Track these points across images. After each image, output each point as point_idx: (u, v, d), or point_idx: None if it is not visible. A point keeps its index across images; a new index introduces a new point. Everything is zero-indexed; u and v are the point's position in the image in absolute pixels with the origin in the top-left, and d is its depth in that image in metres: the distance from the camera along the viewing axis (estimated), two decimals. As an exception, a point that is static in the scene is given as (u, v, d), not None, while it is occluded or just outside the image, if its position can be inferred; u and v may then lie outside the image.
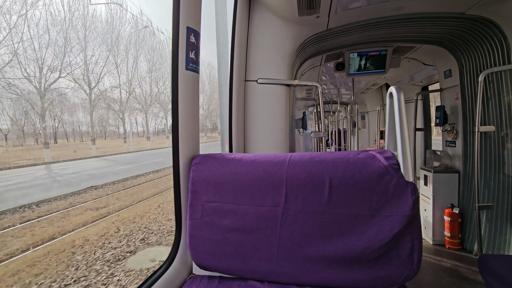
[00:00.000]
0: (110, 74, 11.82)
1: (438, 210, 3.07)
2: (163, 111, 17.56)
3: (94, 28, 9.91)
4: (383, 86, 5.73)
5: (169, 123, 16.57)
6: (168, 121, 16.88)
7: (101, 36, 10.49)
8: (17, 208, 5.44)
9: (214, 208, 1.21)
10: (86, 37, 9.38)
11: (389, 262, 1.03)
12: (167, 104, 16.96)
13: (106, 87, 11.99)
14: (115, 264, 4.03)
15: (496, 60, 2.30)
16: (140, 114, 16.32)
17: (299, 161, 1.16)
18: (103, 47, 10.50)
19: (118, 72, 12.40)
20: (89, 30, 9.68)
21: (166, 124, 19.62)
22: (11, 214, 5.22)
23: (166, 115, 17.86)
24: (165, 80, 16.09)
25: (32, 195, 6.12)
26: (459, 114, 2.90)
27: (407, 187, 1.03)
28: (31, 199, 5.89)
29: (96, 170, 9.51)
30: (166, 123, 19.24)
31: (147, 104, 15.99)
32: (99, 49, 10.21)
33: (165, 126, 20.03)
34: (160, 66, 15.76)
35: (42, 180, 7.88)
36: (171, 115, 1.34)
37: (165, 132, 20.53)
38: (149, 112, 16.49)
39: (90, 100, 10.76)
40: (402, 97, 1.10)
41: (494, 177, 2.46)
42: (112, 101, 13.22)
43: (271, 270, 1.15)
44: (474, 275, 2.40)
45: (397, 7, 2.02)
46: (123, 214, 5.81)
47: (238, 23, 1.86)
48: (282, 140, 2.05)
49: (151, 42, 15.20)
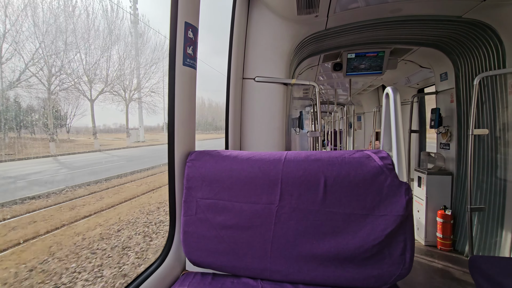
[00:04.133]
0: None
1: (431, 211, 3.10)
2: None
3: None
4: (380, 88, 5.77)
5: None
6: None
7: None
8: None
9: (208, 204, 1.21)
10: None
11: (381, 261, 1.04)
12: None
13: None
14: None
15: (492, 64, 2.33)
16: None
17: (295, 159, 1.16)
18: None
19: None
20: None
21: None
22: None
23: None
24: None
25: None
26: (454, 117, 2.94)
27: (401, 187, 1.04)
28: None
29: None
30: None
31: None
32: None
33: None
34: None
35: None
36: (167, 111, 1.33)
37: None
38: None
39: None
40: (398, 98, 1.11)
41: (486, 180, 2.50)
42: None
43: (265, 268, 1.15)
44: (465, 276, 2.43)
45: (395, 8, 2.03)
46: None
47: (237, 21, 1.85)
48: (278, 138, 2.05)
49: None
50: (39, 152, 6.81)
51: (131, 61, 10.08)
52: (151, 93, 10.55)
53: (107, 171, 7.36)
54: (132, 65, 10.09)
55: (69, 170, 6.96)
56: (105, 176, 6.96)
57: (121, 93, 9.52)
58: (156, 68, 10.80)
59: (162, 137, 13.64)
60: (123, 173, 7.57)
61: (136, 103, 10.66)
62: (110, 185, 6.54)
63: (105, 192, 6.11)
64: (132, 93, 10.03)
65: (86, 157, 8.41)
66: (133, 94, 10.10)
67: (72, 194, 5.72)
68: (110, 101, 9.07)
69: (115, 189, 6.44)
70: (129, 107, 9.89)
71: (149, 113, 11.01)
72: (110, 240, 4.10)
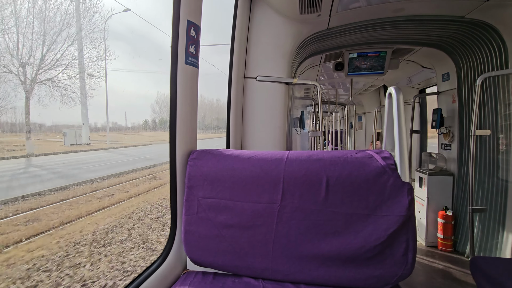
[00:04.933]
0: None
1: (432, 212, 3.10)
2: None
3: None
4: (381, 88, 5.76)
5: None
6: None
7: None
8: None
9: (210, 204, 1.20)
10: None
11: (383, 261, 1.04)
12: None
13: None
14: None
15: (494, 65, 2.32)
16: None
17: (297, 159, 1.15)
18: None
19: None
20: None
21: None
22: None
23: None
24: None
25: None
26: (455, 117, 2.93)
27: (403, 187, 1.04)
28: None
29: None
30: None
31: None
32: None
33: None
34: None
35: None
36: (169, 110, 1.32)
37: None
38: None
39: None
40: (401, 98, 1.11)
41: (488, 180, 2.49)
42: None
43: (266, 267, 1.15)
44: (466, 277, 2.42)
45: (398, 8, 2.02)
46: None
47: (239, 20, 1.85)
48: (280, 138, 2.05)
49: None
50: None
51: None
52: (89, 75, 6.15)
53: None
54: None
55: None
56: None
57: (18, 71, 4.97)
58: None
59: (140, 138, 10.99)
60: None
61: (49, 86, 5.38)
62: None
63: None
64: (41, 71, 5.29)
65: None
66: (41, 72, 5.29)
67: None
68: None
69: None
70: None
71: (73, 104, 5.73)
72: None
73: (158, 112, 12.93)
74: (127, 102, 13.15)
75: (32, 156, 5.90)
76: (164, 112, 12.70)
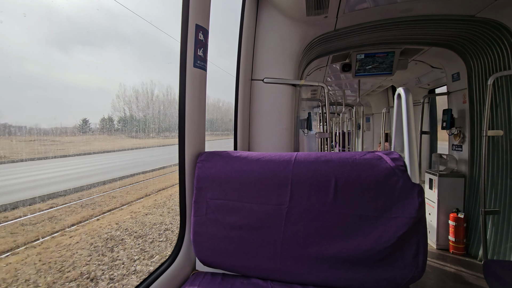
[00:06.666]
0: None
1: (442, 214, 3.04)
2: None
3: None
4: (389, 89, 5.69)
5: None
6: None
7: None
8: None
9: (218, 205, 1.21)
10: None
11: (393, 264, 1.03)
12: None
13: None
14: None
15: (506, 64, 2.27)
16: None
17: (305, 160, 1.15)
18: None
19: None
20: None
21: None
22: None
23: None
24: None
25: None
26: (466, 118, 2.87)
27: (413, 189, 1.03)
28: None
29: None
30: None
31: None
32: None
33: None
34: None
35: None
36: (178, 112, 1.34)
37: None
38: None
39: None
40: (411, 98, 1.10)
41: (501, 182, 2.43)
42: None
43: (274, 269, 1.15)
44: (478, 281, 2.37)
45: (406, 8, 2.01)
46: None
47: (246, 22, 1.86)
48: (287, 139, 2.05)
49: None
50: None
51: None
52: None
53: None
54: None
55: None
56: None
57: None
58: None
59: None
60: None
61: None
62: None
63: None
64: None
65: None
66: None
67: None
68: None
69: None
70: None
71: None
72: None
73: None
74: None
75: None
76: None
